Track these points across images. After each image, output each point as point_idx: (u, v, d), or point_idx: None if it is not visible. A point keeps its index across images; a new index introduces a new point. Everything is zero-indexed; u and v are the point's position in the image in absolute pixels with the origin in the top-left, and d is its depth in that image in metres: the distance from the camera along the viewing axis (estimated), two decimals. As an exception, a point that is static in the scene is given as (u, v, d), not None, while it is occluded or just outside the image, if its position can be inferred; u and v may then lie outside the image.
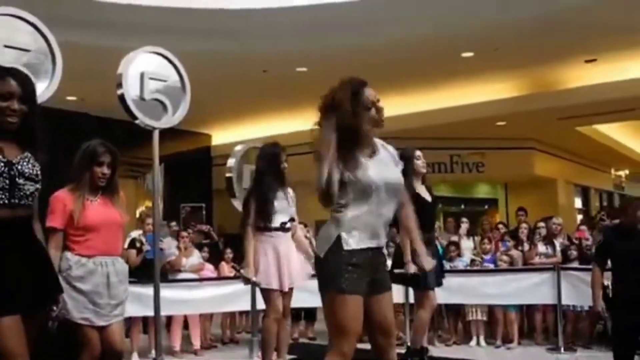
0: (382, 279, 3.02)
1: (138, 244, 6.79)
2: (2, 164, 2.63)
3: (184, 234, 7.64)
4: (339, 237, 2.87)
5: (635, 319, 4.64)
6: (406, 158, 5.06)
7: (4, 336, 2.55)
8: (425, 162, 5.34)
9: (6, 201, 2.62)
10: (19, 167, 2.68)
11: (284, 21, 7.76)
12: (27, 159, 2.72)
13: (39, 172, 2.73)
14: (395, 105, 10.97)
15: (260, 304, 5.85)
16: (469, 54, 9.13)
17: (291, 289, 4.89)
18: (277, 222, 4.81)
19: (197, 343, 7.07)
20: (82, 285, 3.44)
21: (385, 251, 3.17)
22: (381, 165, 2.96)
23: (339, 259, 2.86)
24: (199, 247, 7.91)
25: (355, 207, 2.88)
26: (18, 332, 2.59)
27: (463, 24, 7.94)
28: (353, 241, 2.87)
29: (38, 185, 2.72)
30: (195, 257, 7.46)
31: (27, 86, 2.74)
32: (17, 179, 2.65)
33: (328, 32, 8.00)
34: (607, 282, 5.13)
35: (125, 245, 6.99)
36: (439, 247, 7.89)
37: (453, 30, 8.09)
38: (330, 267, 2.88)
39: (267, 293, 4.79)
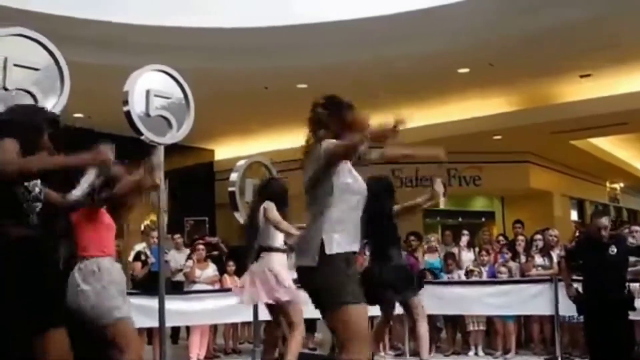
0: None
1: (143, 257, 6.91)
2: (24, 191, 2.71)
3: (200, 246, 7.73)
4: (329, 239, 2.87)
5: (603, 326, 4.89)
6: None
7: (54, 350, 2.56)
8: None
9: (35, 222, 2.72)
10: (33, 193, 2.77)
11: (284, 39, 7.92)
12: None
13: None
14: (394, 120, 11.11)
15: (262, 315, 5.97)
16: (465, 70, 9.29)
17: None
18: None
19: (194, 355, 7.12)
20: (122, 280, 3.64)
21: None
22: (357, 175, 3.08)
23: (337, 265, 2.85)
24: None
25: (339, 208, 2.93)
26: (66, 346, 2.61)
27: (458, 40, 8.10)
28: (342, 242, 2.89)
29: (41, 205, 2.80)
30: (210, 270, 7.58)
31: None
32: (34, 203, 2.76)
33: (327, 50, 8.17)
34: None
35: (131, 258, 7.12)
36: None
37: (449, 47, 8.25)
38: (332, 276, 2.85)
39: (296, 307, 4.79)
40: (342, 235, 2.90)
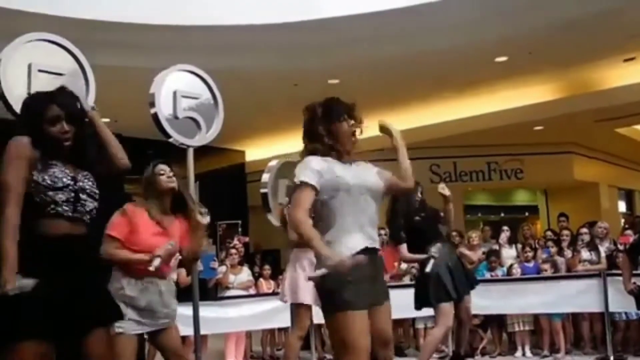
0: (382, 287, 2.99)
1: None
2: (69, 178, 2.68)
3: (233, 251, 7.63)
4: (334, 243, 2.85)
5: None
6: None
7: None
8: None
9: (70, 214, 2.65)
10: (81, 183, 2.73)
11: (313, 34, 7.76)
12: (87, 177, 2.79)
13: (97, 191, 2.78)
14: (430, 114, 10.89)
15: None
16: (503, 59, 8.99)
17: None
18: None
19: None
20: None
21: None
22: (359, 170, 3.07)
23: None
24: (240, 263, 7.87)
25: (340, 209, 2.92)
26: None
27: (496, 28, 7.83)
28: (349, 243, 2.85)
29: (96, 204, 2.76)
30: (244, 274, 7.48)
31: (71, 106, 2.77)
32: (80, 194, 2.71)
33: (359, 43, 7.96)
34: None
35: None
36: None
37: (486, 35, 7.98)
38: (331, 281, 2.76)
39: (298, 309, 4.81)
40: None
